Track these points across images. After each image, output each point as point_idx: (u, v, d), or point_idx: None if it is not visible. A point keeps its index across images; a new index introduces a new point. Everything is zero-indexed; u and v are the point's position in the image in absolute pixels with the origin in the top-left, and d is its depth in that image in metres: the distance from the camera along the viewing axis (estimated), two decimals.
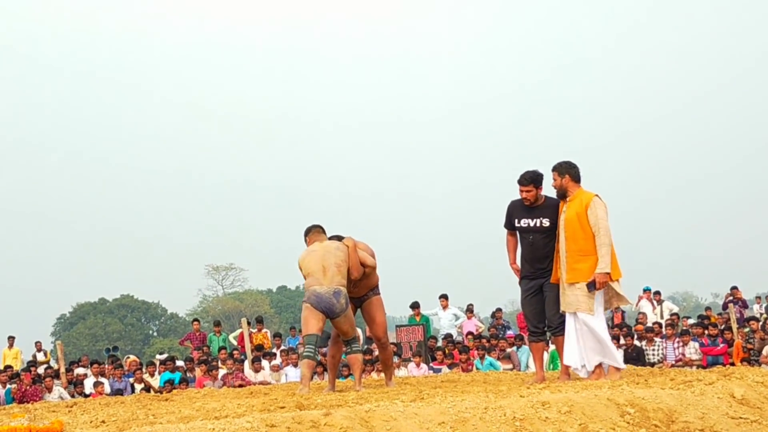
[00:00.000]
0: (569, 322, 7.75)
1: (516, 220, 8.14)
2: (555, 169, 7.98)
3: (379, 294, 9.07)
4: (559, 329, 7.95)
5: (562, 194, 7.94)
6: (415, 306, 18.48)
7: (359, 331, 18.32)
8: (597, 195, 7.81)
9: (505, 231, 8.34)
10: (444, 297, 19.25)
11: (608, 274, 7.57)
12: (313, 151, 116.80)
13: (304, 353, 8.52)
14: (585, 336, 7.67)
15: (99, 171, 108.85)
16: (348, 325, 8.58)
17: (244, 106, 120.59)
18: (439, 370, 14.64)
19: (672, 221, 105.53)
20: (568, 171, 7.92)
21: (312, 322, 8.41)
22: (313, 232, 8.95)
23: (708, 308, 23.98)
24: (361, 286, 8.88)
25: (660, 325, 17.04)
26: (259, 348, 16.49)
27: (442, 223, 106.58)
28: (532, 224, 8.04)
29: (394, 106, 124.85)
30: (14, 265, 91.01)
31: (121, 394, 13.46)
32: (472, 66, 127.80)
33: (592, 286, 7.56)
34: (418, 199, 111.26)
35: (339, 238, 8.99)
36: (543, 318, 8.11)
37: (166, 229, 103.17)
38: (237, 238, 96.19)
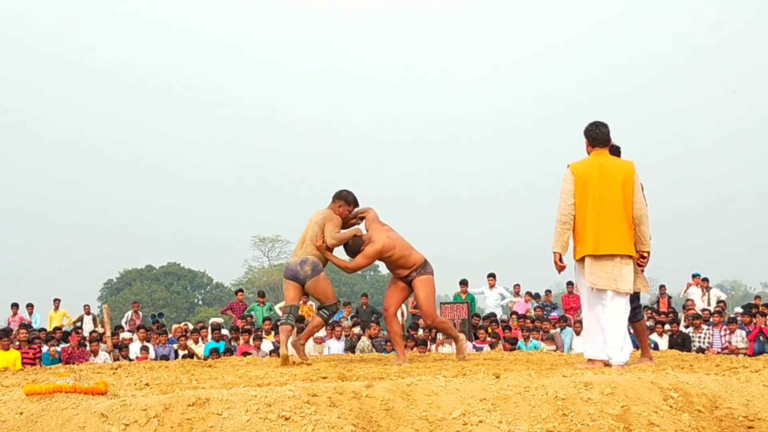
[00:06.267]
0: None
1: None
2: None
3: (423, 274, 8.86)
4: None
5: None
6: (463, 283, 18.49)
7: (404, 308, 18.46)
8: (569, 164, 7.18)
9: None
10: (492, 276, 19.22)
11: (553, 253, 7.08)
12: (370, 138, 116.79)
13: (284, 320, 8.78)
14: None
15: (152, 139, 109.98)
16: (319, 293, 8.86)
17: (287, 99, 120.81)
18: (482, 349, 14.64)
19: (724, 210, 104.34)
20: (585, 134, 7.29)
21: (289, 293, 8.83)
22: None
23: (757, 297, 23.68)
24: (397, 267, 8.84)
25: (709, 311, 16.87)
26: (299, 320, 16.53)
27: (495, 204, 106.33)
28: None
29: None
30: (64, 229, 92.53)
31: (167, 360, 13.64)
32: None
33: None
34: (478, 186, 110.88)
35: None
36: None
37: (214, 199, 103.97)
38: (284, 210, 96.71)
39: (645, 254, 7.11)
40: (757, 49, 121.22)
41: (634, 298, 7.62)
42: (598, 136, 7.19)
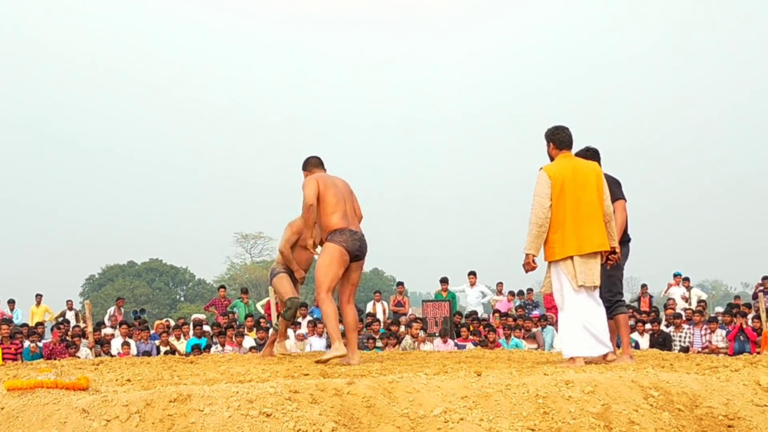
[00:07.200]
0: None
1: None
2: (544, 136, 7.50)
3: (331, 241, 7.81)
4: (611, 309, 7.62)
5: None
6: (444, 281, 18.48)
7: (386, 304, 18.51)
8: (542, 167, 7.23)
9: None
10: (472, 274, 19.22)
11: (527, 254, 7.13)
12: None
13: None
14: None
15: (137, 138, 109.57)
16: (276, 292, 9.52)
17: (264, 100, 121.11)
18: (464, 347, 14.66)
19: (705, 210, 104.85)
20: (550, 138, 7.41)
21: None
22: None
23: (737, 296, 23.81)
24: (320, 223, 8.03)
25: (691, 311, 16.95)
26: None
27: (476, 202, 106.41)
28: None
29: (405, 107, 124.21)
30: (46, 225, 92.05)
31: (149, 356, 13.60)
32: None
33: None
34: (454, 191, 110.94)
35: None
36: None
37: (196, 196, 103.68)
38: (265, 207, 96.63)
39: (616, 249, 7.29)
40: (732, 48, 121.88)
41: (617, 292, 7.75)
42: (564, 138, 7.39)
